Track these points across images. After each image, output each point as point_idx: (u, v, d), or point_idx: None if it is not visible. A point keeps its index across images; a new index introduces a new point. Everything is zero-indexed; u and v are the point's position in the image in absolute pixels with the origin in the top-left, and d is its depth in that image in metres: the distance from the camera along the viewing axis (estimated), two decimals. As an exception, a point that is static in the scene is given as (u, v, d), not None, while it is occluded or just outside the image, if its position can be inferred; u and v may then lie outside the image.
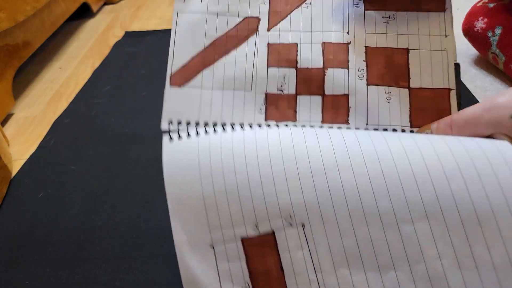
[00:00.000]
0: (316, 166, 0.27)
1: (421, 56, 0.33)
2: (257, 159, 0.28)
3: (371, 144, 0.27)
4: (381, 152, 0.27)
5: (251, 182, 0.28)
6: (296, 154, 0.28)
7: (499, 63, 0.57)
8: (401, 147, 0.27)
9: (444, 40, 0.33)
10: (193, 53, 0.34)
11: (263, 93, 0.33)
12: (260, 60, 0.34)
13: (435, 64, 0.33)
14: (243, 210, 0.28)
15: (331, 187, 0.27)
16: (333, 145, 0.28)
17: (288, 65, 0.34)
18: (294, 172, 0.28)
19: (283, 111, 0.33)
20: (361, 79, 0.33)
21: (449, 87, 0.32)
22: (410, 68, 0.33)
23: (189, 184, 0.29)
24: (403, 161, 0.26)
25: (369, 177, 0.26)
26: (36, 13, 0.79)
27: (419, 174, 0.25)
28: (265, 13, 0.35)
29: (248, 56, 0.34)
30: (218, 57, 0.34)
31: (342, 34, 0.34)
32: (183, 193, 0.29)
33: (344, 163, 0.27)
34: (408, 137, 0.28)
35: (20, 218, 0.50)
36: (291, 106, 0.33)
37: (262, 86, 0.33)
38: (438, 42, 0.33)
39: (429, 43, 0.33)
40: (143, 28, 1.00)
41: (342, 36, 0.34)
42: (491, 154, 0.25)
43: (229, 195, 0.28)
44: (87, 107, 0.68)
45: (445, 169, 0.25)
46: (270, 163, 0.28)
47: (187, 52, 0.34)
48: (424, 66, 0.33)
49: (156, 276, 0.41)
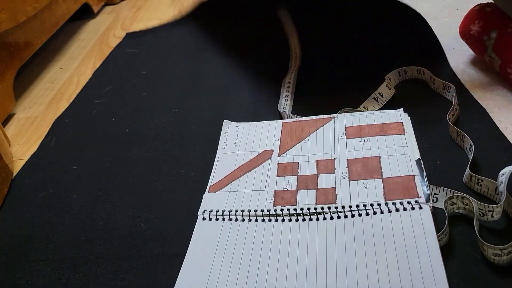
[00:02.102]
0: (301, 263, 0.39)
1: (390, 160, 0.46)
2: (261, 249, 0.41)
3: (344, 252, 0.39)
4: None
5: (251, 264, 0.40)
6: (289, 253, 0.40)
7: (495, 66, 0.57)
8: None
9: (406, 148, 0.47)
10: (226, 173, 0.50)
11: (273, 190, 0.47)
12: (271, 173, 0.49)
13: (401, 162, 0.46)
14: (238, 279, 0.39)
15: (308, 280, 0.37)
16: (317, 247, 0.40)
17: (291, 174, 0.48)
18: (285, 263, 0.39)
19: (287, 200, 0.45)
20: (345, 178, 0.46)
21: (413, 174, 0.44)
22: (382, 167, 0.46)
23: (206, 253, 0.41)
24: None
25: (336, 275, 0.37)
26: (37, 13, 0.80)
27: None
28: (277, 147, 0.53)
29: (264, 170, 0.50)
30: (243, 174, 0.50)
31: (330, 154, 0.50)
32: (198, 258, 0.41)
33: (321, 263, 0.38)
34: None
35: (21, 218, 0.50)
36: (293, 196, 0.46)
37: (272, 187, 0.47)
38: (402, 150, 0.47)
39: (395, 152, 0.47)
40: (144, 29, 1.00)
41: (330, 155, 0.49)
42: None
43: (232, 267, 0.40)
44: (88, 107, 0.68)
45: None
46: (270, 253, 0.40)
47: (223, 173, 0.51)
48: (392, 165, 0.46)
49: (156, 276, 0.41)
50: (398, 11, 0.79)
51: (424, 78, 0.60)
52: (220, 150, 0.54)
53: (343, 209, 0.42)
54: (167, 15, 1.06)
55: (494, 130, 0.50)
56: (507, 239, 0.38)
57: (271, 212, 0.44)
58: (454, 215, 0.41)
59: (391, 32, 0.74)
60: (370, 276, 0.36)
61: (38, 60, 0.79)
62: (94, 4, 1.09)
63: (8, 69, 0.71)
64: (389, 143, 0.49)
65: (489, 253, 0.36)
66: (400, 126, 0.51)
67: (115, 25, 1.04)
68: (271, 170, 0.49)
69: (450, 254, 0.38)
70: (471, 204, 0.40)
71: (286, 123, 0.56)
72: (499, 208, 0.39)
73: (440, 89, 0.57)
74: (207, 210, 0.46)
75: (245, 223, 0.44)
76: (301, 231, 0.42)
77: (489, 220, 0.39)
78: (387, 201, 0.42)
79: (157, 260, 0.42)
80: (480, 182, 0.42)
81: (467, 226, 0.40)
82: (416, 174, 0.44)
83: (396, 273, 0.36)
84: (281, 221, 0.43)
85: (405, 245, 0.37)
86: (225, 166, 0.52)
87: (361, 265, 0.37)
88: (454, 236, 0.39)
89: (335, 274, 0.37)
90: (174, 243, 0.44)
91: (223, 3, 0.96)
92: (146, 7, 1.14)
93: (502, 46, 0.55)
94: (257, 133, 0.56)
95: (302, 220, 0.43)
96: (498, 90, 0.57)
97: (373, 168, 0.46)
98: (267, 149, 0.53)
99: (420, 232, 0.38)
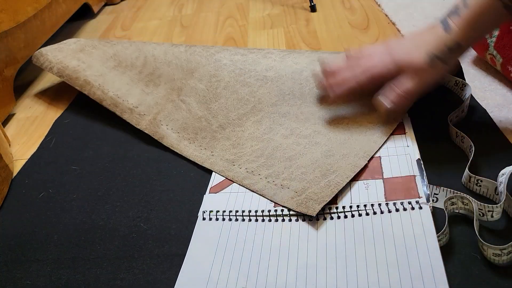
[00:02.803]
0: (301, 263, 0.39)
1: (390, 160, 0.47)
2: (261, 249, 0.41)
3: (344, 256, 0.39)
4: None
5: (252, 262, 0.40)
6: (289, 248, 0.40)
7: (497, 64, 0.57)
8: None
9: (406, 148, 0.48)
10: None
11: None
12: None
13: (402, 162, 0.46)
14: (238, 279, 0.39)
15: (308, 280, 0.37)
16: (317, 248, 0.40)
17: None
18: (285, 263, 0.39)
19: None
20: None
21: (414, 174, 0.44)
22: (383, 167, 0.46)
23: (206, 254, 0.42)
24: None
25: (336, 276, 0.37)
26: (37, 13, 0.80)
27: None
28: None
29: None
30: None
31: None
32: (198, 258, 0.41)
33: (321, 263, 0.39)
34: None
35: (21, 218, 0.50)
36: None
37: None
38: (402, 150, 0.48)
39: (396, 152, 0.48)
40: (144, 29, 1.00)
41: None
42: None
43: (232, 267, 0.40)
44: (88, 107, 0.68)
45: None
46: (270, 253, 0.40)
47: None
48: (393, 165, 0.46)
49: (156, 276, 0.41)
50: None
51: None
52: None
53: (343, 209, 0.42)
54: (167, 15, 1.06)
55: (494, 130, 0.50)
56: (507, 239, 0.38)
57: (271, 213, 0.44)
58: (454, 215, 0.41)
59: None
60: (370, 276, 0.36)
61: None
62: (94, 4, 1.09)
63: (8, 69, 0.71)
64: (389, 143, 0.49)
65: (489, 253, 0.36)
66: (401, 126, 0.51)
67: (115, 25, 1.04)
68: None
69: (450, 254, 0.38)
70: (471, 204, 0.40)
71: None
72: (499, 208, 0.39)
73: (451, 85, 0.56)
74: (207, 210, 0.46)
75: (245, 223, 0.44)
76: (301, 231, 0.42)
77: (489, 220, 0.39)
78: (387, 201, 0.42)
79: (157, 260, 0.42)
80: (479, 183, 0.42)
81: (467, 226, 0.40)
82: (417, 174, 0.44)
83: (396, 273, 0.36)
84: (281, 221, 0.43)
85: (405, 245, 0.38)
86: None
87: (361, 265, 0.37)
88: (454, 236, 0.39)
89: (335, 274, 0.37)
90: (174, 243, 0.44)
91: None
92: (146, 7, 1.14)
93: (504, 44, 0.55)
94: None
95: (302, 220, 0.43)
96: (498, 90, 0.57)
97: (373, 168, 0.46)
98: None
99: (420, 232, 0.38)
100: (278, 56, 0.62)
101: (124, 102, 0.63)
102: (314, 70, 0.57)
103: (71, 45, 0.75)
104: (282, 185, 0.46)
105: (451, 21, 0.45)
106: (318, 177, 0.45)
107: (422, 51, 0.45)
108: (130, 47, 0.72)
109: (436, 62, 0.45)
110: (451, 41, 0.44)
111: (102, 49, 0.73)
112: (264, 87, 0.59)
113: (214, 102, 0.59)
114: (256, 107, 0.57)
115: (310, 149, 0.50)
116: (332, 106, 0.54)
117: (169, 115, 0.59)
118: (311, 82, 0.57)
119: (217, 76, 0.62)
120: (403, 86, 0.47)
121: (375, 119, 0.51)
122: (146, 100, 0.63)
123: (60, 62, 0.70)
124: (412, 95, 0.47)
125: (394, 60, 0.47)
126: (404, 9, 0.85)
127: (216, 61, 0.64)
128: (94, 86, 0.65)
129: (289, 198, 0.44)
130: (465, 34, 0.44)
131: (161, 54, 0.69)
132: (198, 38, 0.91)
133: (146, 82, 0.66)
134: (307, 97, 0.56)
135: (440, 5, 0.85)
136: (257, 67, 0.61)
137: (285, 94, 0.57)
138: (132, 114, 0.61)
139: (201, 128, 0.56)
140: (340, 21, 0.87)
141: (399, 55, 0.47)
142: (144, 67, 0.68)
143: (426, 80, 0.46)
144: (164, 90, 0.64)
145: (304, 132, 0.52)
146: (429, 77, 0.46)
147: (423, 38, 0.46)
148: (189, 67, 0.65)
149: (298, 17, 0.92)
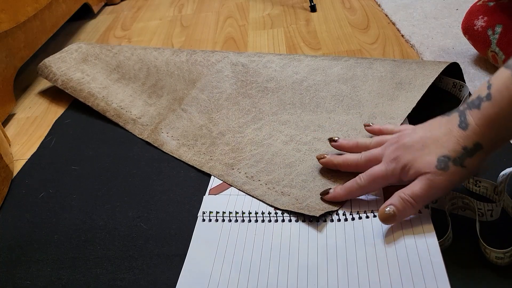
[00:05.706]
0: (302, 263, 0.39)
1: None
2: (261, 250, 0.41)
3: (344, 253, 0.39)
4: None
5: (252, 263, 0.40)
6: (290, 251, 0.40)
7: (499, 61, 0.57)
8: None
9: None
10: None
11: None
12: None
13: None
14: (239, 280, 0.39)
15: (309, 280, 0.37)
16: (318, 247, 0.40)
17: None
18: (285, 264, 0.39)
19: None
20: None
21: None
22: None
23: (206, 255, 0.41)
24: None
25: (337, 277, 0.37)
26: (37, 14, 0.80)
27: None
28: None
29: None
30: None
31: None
32: (199, 259, 0.41)
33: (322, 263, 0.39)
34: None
35: (21, 218, 0.50)
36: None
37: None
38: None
39: None
40: (144, 29, 1.00)
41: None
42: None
43: (233, 268, 0.40)
44: (88, 107, 0.68)
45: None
46: (270, 254, 0.40)
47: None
48: None
49: (156, 276, 0.41)
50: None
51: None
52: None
53: (344, 215, 0.42)
54: (167, 15, 1.06)
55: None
56: (507, 239, 0.38)
57: (271, 214, 0.44)
58: (454, 216, 0.41)
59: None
60: (371, 276, 0.36)
61: (38, 60, 0.78)
62: (94, 4, 1.09)
63: (8, 69, 0.71)
64: None
65: (492, 257, 0.36)
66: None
67: (115, 25, 1.04)
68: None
69: (451, 254, 0.38)
70: (471, 204, 0.40)
71: None
72: (498, 207, 0.39)
73: (449, 87, 0.56)
74: (207, 211, 0.46)
75: (245, 224, 0.44)
76: (301, 232, 0.42)
77: (488, 219, 0.40)
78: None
79: (157, 260, 0.42)
80: (478, 184, 0.42)
81: (467, 226, 0.40)
82: None
83: (398, 274, 0.36)
84: (281, 222, 0.43)
85: (406, 245, 0.38)
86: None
87: (362, 265, 0.37)
88: (454, 237, 0.39)
89: (336, 274, 0.37)
90: (174, 243, 0.44)
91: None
92: (146, 7, 1.14)
93: (506, 41, 0.55)
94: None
95: (302, 221, 0.43)
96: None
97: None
98: None
99: (420, 233, 0.38)
100: (279, 66, 0.63)
101: (127, 113, 0.64)
102: (317, 152, 0.51)
103: (73, 53, 0.76)
104: (282, 192, 0.46)
105: (470, 116, 0.37)
106: (318, 186, 0.46)
107: (433, 154, 0.38)
108: (132, 57, 0.73)
109: (449, 166, 0.37)
110: (469, 141, 0.37)
111: (105, 60, 0.74)
112: (265, 98, 0.60)
113: (216, 113, 0.60)
114: (256, 116, 0.58)
115: (310, 156, 0.50)
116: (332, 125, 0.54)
117: (170, 124, 0.60)
118: (311, 92, 0.59)
119: (219, 87, 0.63)
120: (409, 190, 0.39)
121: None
122: (149, 111, 0.64)
123: (64, 74, 0.72)
124: (419, 199, 0.38)
125: (401, 166, 0.40)
126: (404, 9, 0.86)
127: (217, 72, 0.65)
128: (98, 98, 0.67)
129: (290, 204, 0.44)
130: (487, 134, 0.36)
131: (163, 65, 0.69)
132: (198, 38, 0.91)
133: (149, 93, 0.67)
134: (307, 106, 0.57)
135: (440, 5, 0.85)
136: (258, 79, 0.62)
137: (285, 104, 0.58)
138: (135, 124, 0.62)
139: (201, 135, 0.57)
140: (340, 21, 0.87)
141: (407, 159, 0.40)
142: (147, 79, 0.69)
143: (438, 186, 0.38)
144: (167, 100, 0.64)
145: (304, 139, 0.52)
146: (442, 182, 0.38)
147: (434, 137, 0.39)
148: (191, 77, 0.66)
149: (298, 17, 0.92)
